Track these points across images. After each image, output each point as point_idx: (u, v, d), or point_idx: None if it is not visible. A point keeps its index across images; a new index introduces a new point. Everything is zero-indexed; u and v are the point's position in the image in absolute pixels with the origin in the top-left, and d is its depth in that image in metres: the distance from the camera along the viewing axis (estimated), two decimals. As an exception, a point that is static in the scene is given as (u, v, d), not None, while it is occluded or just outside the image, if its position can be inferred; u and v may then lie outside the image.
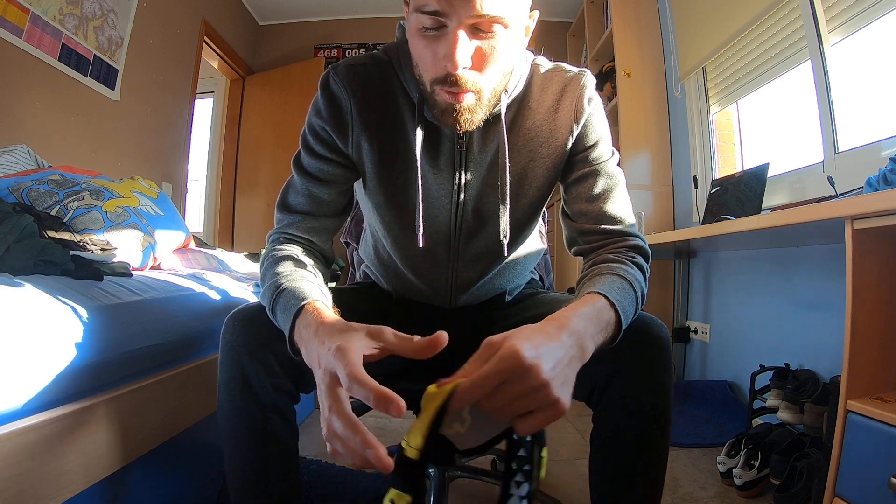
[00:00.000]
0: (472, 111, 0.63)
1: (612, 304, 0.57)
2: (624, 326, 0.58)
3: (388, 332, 0.50)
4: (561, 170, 0.76)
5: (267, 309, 0.63)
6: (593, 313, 0.55)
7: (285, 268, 0.66)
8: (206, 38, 3.03)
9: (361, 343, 0.49)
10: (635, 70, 2.50)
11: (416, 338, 0.48)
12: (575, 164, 0.75)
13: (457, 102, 0.61)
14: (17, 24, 1.66)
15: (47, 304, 0.67)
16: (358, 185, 0.80)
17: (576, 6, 3.26)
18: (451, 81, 0.59)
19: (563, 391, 0.45)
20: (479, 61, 0.60)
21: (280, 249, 0.71)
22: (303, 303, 0.58)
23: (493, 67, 0.61)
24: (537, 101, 0.73)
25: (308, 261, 0.70)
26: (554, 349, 0.47)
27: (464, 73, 0.59)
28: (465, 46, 0.57)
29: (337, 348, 0.47)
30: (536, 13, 0.66)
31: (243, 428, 0.63)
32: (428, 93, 0.63)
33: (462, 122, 0.63)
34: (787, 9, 1.67)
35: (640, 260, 0.69)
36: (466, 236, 0.77)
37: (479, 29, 0.58)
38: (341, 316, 0.59)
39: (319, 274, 0.70)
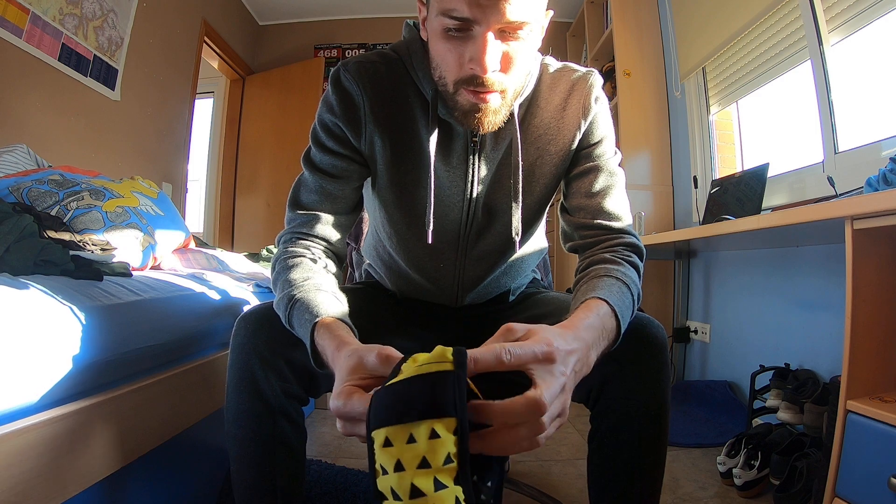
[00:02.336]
0: (497, 112, 0.63)
1: (614, 311, 0.57)
2: (622, 332, 0.58)
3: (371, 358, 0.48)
4: (567, 167, 0.76)
5: (283, 320, 0.63)
6: (598, 322, 0.55)
7: (298, 274, 0.66)
8: (205, 38, 3.02)
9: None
10: (635, 70, 2.50)
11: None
12: (578, 160, 0.75)
13: (482, 103, 0.61)
14: (17, 24, 1.66)
15: (47, 304, 0.67)
16: (363, 184, 0.80)
17: (576, 6, 3.26)
18: (477, 83, 0.60)
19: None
20: (506, 64, 0.60)
21: (292, 252, 0.70)
22: (316, 319, 0.58)
23: (518, 69, 0.62)
24: (546, 99, 0.74)
25: (321, 262, 0.70)
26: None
27: (491, 75, 0.59)
28: (494, 50, 0.57)
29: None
30: (551, 12, 0.66)
31: (251, 431, 0.63)
32: (449, 93, 0.63)
33: (485, 123, 0.63)
34: (787, 9, 1.67)
35: (635, 258, 0.69)
36: (476, 233, 0.78)
37: (505, 32, 0.58)
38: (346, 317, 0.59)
39: (332, 275, 0.70)
